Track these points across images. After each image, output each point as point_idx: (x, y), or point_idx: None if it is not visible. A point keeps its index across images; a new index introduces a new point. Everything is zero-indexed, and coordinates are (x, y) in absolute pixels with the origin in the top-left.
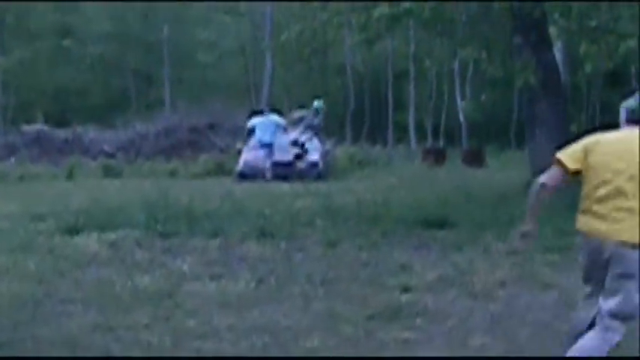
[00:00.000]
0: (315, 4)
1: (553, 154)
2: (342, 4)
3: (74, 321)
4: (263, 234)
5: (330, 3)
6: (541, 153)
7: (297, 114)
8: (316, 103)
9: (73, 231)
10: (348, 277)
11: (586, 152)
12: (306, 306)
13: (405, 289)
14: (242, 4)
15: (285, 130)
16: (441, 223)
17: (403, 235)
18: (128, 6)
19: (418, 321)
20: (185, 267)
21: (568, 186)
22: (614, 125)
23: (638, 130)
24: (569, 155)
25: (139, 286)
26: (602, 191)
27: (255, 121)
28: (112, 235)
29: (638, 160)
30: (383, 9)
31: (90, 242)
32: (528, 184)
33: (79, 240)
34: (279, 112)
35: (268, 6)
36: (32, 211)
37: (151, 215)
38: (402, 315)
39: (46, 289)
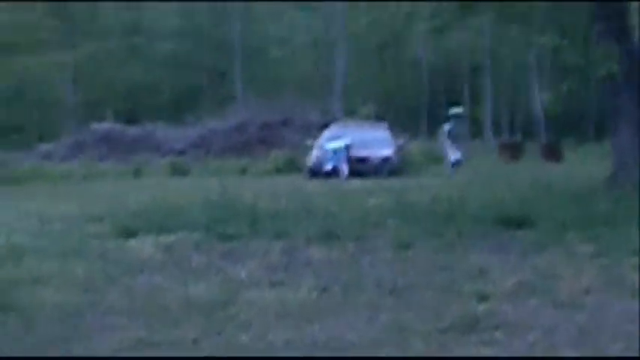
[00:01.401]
0: None
1: (638, 148)
2: None
3: (117, 335)
4: (330, 235)
5: None
6: (625, 147)
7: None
8: (454, 111)
9: (129, 233)
10: (420, 283)
11: None
12: (373, 317)
13: (482, 298)
14: None
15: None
16: (519, 222)
17: (480, 236)
18: (198, 2)
19: (497, 334)
20: (244, 273)
21: None
22: None
23: None
24: None
25: (191, 295)
26: None
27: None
28: (169, 238)
29: None
30: None
31: (145, 246)
32: (611, 180)
33: (133, 243)
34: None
35: None
36: (90, 212)
37: (213, 216)
38: (479, 327)
39: (91, 298)
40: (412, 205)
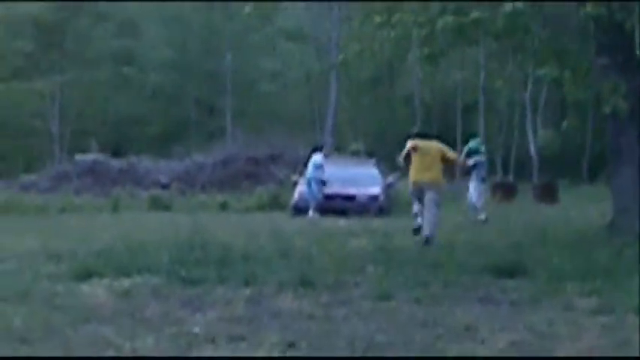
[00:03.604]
0: (377, 20)
1: None
2: (405, 18)
3: None
4: (303, 283)
5: (393, 17)
6: (626, 191)
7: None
8: (471, 144)
9: (85, 275)
10: (399, 341)
11: None
12: None
13: None
14: (306, 26)
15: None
16: (512, 271)
17: (468, 286)
18: (190, 32)
19: None
20: (200, 326)
21: None
22: None
23: None
24: None
25: (138, 350)
26: None
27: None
28: (127, 282)
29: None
30: (447, 19)
31: (99, 290)
32: (611, 226)
33: (86, 287)
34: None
35: (333, 30)
36: (50, 249)
37: (178, 257)
38: None
39: (27, 351)
40: (396, 249)
